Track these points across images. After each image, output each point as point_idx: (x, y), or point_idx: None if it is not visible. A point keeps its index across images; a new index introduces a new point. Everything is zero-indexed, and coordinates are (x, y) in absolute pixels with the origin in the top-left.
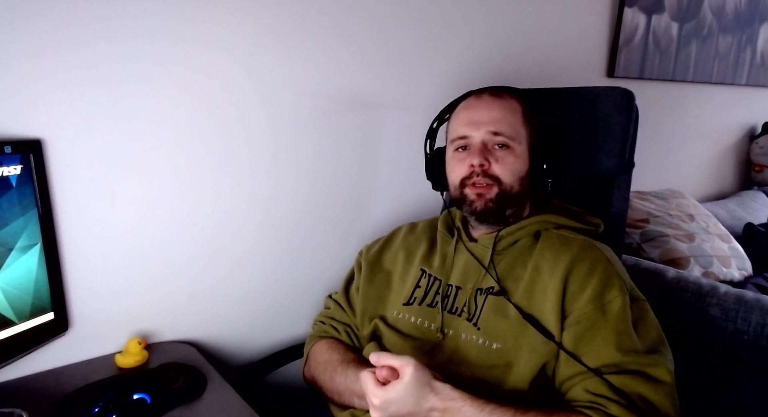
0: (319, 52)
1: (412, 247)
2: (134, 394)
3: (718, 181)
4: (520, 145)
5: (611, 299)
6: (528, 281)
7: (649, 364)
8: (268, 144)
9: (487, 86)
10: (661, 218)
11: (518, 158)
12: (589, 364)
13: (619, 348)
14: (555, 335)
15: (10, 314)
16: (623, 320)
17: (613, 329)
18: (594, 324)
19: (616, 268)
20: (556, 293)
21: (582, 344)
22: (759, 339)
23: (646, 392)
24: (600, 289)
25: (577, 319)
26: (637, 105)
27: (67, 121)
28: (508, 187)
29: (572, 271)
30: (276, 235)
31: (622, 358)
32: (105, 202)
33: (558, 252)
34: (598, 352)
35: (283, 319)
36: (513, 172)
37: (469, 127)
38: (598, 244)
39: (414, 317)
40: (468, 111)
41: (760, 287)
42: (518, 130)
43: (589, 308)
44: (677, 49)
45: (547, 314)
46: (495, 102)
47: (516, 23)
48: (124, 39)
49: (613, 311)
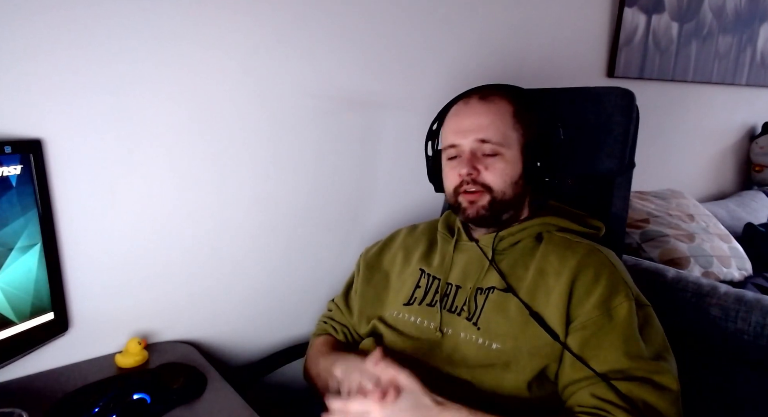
0: (319, 52)
1: (410, 248)
2: (134, 394)
3: (718, 181)
4: (510, 150)
5: (617, 305)
6: (531, 283)
7: (655, 370)
8: (268, 144)
9: (476, 88)
10: (661, 218)
11: (509, 163)
12: (596, 368)
13: (627, 353)
14: (559, 337)
15: (10, 314)
16: (630, 326)
17: (620, 334)
18: (601, 329)
19: (621, 274)
20: (562, 297)
21: (588, 349)
22: (759, 339)
23: (653, 400)
24: (607, 294)
25: (584, 324)
26: (637, 105)
27: (67, 121)
28: (500, 193)
29: (579, 276)
30: (276, 235)
31: (630, 364)
32: (105, 201)
33: (563, 256)
34: (605, 357)
35: (283, 319)
36: (504, 178)
37: (457, 136)
38: (602, 249)
39: (414, 317)
40: (456, 118)
41: (760, 287)
42: (508, 134)
43: (596, 313)
44: (677, 49)
45: (551, 316)
46: (482, 107)
47: (516, 23)
48: (124, 39)
49: (620, 317)
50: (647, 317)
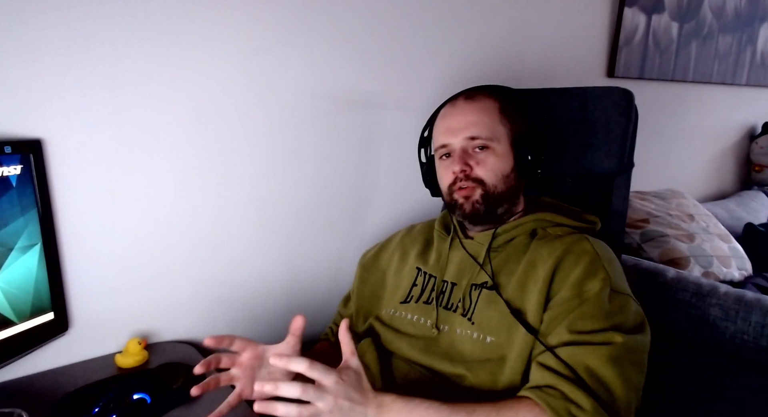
0: (319, 53)
1: (407, 247)
2: (134, 394)
3: (718, 181)
4: (500, 144)
5: (590, 288)
6: (521, 275)
7: (606, 339)
8: (268, 144)
9: (461, 91)
10: (661, 218)
11: (500, 157)
12: (552, 343)
13: (581, 329)
14: (538, 326)
15: (10, 314)
16: (594, 306)
17: (581, 312)
18: (567, 308)
19: (602, 261)
20: (545, 281)
21: (552, 326)
22: (759, 339)
23: (590, 360)
24: (582, 277)
25: (555, 303)
26: (637, 105)
27: (67, 121)
28: (492, 186)
29: (561, 262)
30: (276, 235)
31: (580, 337)
32: (105, 201)
33: (553, 246)
34: (559, 331)
35: (283, 319)
36: (495, 172)
37: (448, 136)
38: (590, 239)
39: (411, 314)
40: (445, 120)
41: (760, 287)
42: (496, 128)
43: (567, 294)
44: (677, 49)
45: (535, 302)
46: (468, 106)
47: (516, 23)
48: (124, 39)
49: (586, 297)
50: (623, 305)
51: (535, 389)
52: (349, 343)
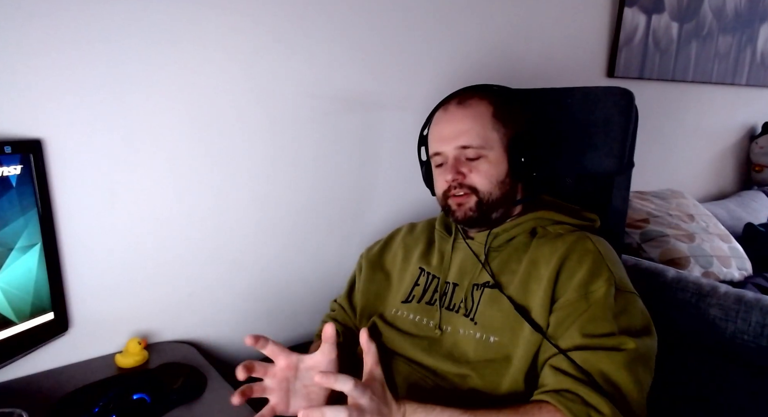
0: (319, 52)
1: (410, 246)
2: (134, 394)
3: (718, 181)
4: (492, 151)
5: (596, 289)
6: (523, 274)
7: (618, 343)
8: (268, 143)
9: (455, 92)
10: (661, 218)
11: (493, 164)
12: (562, 346)
13: (592, 333)
14: (543, 325)
15: (10, 314)
16: (601, 307)
17: (590, 315)
18: (575, 310)
19: (606, 261)
20: (549, 282)
21: (560, 329)
22: (759, 339)
23: (605, 366)
24: (587, 278)
25: (561, 305)
26: (637, 105)
27: (67, 121)
28: (487, 194)
29: (565, 261)
30: (276, 235)
31: (591, 341)
32: (105, 202)
33: (554, 245)
34: (570, 334)
35: (283, 319)
36: (489, 179)
37: (440, 144)
38: (592, 237)
39: (413, 314)
40: (438, 126)
41: (760, 287)
42: (488, 135)
43: (574, 296)
44: (677, 49)
45: (539, 302)
46: (460, 112)
47: (516, 23)
48: (124, 39)
49: (594, 299)
50: (628, 304)
51: (554, 393)
52: (374, 353)
